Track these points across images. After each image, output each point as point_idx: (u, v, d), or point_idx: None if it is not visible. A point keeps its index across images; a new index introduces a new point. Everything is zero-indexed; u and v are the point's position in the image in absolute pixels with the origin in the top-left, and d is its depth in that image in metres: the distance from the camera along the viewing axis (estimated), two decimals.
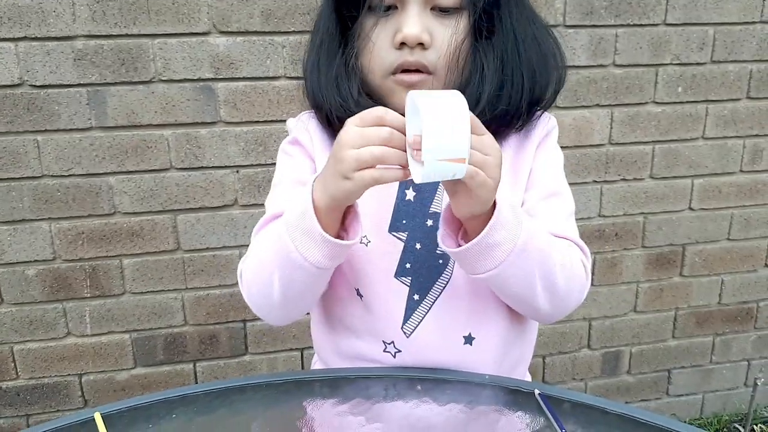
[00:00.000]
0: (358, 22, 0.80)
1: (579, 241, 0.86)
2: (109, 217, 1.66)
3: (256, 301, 0.85)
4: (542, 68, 0.83)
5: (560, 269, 0.78)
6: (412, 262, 0.85)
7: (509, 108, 0.81)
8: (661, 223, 2.01)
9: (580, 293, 0.84)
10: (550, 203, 0.87)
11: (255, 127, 1.68)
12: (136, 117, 1.61)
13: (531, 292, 0.78)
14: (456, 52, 0.78)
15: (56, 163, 1.60)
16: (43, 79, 1.54)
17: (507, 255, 0.73)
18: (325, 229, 0.71)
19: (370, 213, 0.83)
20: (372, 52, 0.80)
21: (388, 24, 0.79)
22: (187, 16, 1.56)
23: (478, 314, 0.87)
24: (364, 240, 0.86)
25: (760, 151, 2.01)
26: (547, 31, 0.86)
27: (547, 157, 0.89)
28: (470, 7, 0.78)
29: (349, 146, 0.66)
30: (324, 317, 0.96)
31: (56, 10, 1.50)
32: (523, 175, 0.87)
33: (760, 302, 2.19)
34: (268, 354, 1.86)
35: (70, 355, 1.74)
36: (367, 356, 0.91)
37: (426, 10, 0.78)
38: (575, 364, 2.11)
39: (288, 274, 0.77)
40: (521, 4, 0.83)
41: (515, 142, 0.88)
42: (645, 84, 1.87)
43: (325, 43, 0.84)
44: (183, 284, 1.75)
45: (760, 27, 1.88)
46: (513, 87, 0.81)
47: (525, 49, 0.81)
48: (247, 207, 1.73)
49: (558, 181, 0.89)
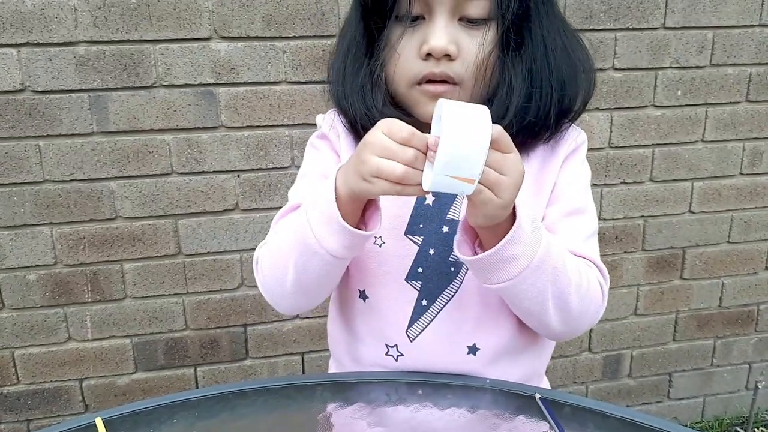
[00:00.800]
0: (385, 32, 0.80)
1: (599, 262, 0.85)
2: (110, 221, 1.66)
3: (269, 287, 0.85)
4: (572, 79, 0.82)
5: (575, 289, 0.78)
6: (424, 267, 0.85)
7: (537, 119, 0.80)
8: (662, 226, 2.02)
9: (594, 314, 0.83)
10: (572, 221, 0.86)
11: (256, 132, 1.68)
12: (138, 122, 1.61)
13: (542, 309, 0.77)
14: (483, 63, 0.77)
15: (58, 168, 1.60)
16: (45, 84, 1.54)
17: (522, 270, 0.72)
18: (344, 217, 0.71)
19: (388, 214, 0.83)
20: (398, 62, 0.79)
21: (415, 34, 0.78)
22: (189, 21, 1.57)
23: (485, 325, 0.86)
24: (379, 241, 0.86)
25: (759, 154, 2.01)
26: (577, 40, 0.85)
27: (573, 173, 0.87)
28: (499, 18, 0.76)
29: (373, 152, 0.66)
30: (337, 316, 0.97)
31: (58, 16, 1.51)
32: (546, 188, 0.86)
33: (761, 305, 2.19)
34: (268, 358, 1.86)
35: (71, 359, 1.74)
36: (369, 359, 0.91)
37: (453, 20, 0.77)
38: (576, 367, 2.11)
39: (303, 261, 0.77)
40: (551, 13, 0.81)
41: (542, 154, 0.86)
42: (644, 87, 1.87)
43: (352, 50, 0.84)
44: (184, 289, 1.75)
45: (759, 30, 1.89)
46: (542, 98, 0.79)
47: (554, 59, 0.80)
48: (248, 211, 1.73)
49: (582, 198, 0.88)
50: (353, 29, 0.85)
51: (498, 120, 0.76)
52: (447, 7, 0.75)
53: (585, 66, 0.84)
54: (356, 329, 0.92)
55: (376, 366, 0.90)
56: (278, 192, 1.73)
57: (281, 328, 1.84)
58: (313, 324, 1.86)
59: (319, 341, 1.87)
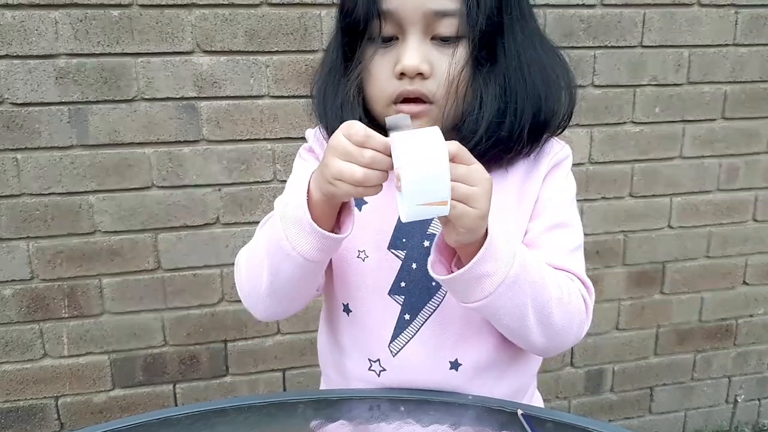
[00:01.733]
0: (358, 52, 0.81)
1: (582, 276, 0.85)
2: (89, 236, 1.64)
3: (246, 291, 0.85)
4: (548, 93, 0.82)
5: (556, 303, 0.77)
6: (407, 281, 0.85)
7: (511, 134, 0.80)
8: (642, 241, 2.04)
9: (579, 329, 0.83)
10: (554, 234, 0.85)
11: (238, 146, 1.67)
12: (118, 135, 1.60)
13: (523, 324, 0.77)
14: (455, 81, 0.78)
15: (35, 182, 1.58)
16: (24, 97, 1.53)
17: (497, 287, 0.72)
18: (316, 220, 0.72)
19: (372, 228, 0.84)
20: (374, 82, 0.80)
21: (389, 54, 0.79)
22: (171, 35, 1.57)
23: (467, 341, 0.86)
24: (362, 255, 0.86)
25: (735, 170, 2.05)
26: (555, 55, 0.85)
27: (556, 187, 0.87)
28: (470, 36, 0.77)
29: (334, 155, 0.67)
30: (324, 329, 0.97)
31: (39, 29, 1.50)
32: (528, 202, 0.86)
33: (739, 319, 2.22)
34: (249, 375, 1.84)
35: (46, 377, 1.71)
36: (352, 373, 0.90)
37: (426, 40, 0.77)
38: (559, 382, 2.11)
39: (276, 264, 0.77)
40: (527, 29, 0.81)
41: (524, 169, 0.86)
42: (623, 104, 1.90)
43: (333, 69, 0.85)
44: (163, 304, 1.73)
45: (734, 49, 1.93)
46: (516, 114, 0.79)
47: (529, 75, 0.80)
48: (229, 225, 1.72)
49: (566, 212, 0.87)
50: (334, 48, 0.86)
51: (469, 135, 0.77)
52: (419, 27, 0.76)
53: (564, 81, 0.85)
54: (342, 343, 0.92)
55: (360, 380, 0.90)
56: (260, 206, 1.72)
57: (262, 344, 1.83)
58: (294, 340, 1.84)
59: (300, 357, 1.86)
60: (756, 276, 2.18)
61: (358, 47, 0.81)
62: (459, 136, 0.72)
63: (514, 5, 0.79)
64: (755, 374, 2.30)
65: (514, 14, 0.79)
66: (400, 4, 0.76)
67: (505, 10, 0.78)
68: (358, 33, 0.80)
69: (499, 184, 0.82)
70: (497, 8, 0.77)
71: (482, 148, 0.77)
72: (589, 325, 0.85)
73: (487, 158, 0.78)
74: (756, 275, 2.18)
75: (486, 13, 0.76)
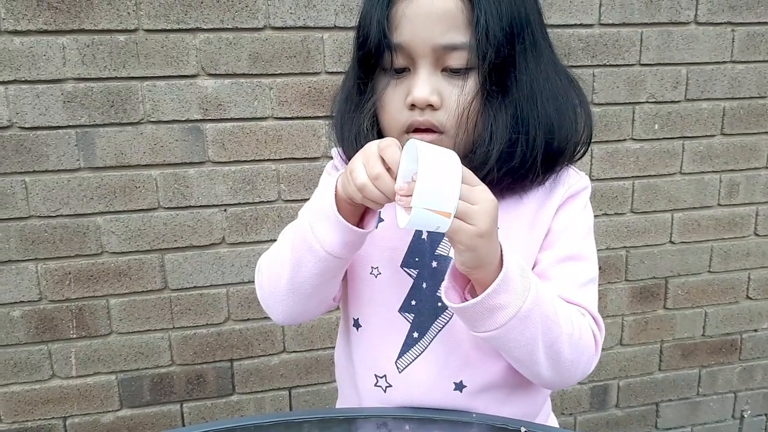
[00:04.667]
0: (371, 83, 0.83)
1: (593, 311, 0.84)
2: (96, 257, 1.66)
3: (265, 289, 0.87)
4: (562, 122, 0.82)
5: (567, 338, 0.77)
6: (417, 300, 0.87)
7: (523, 165, 0.80)
8: (644, 256, 2.05)
9: (587, 365, 0.83)
10: (566, 267, 0.85)
11: (243, 167, 1.70)
12: (125, 157, 1.62)
13: (532, 358, 0.77)
14: (465, 112, 0.79)
15: (44, 204, 1.60)
16: (32, 121, 1.56)
17: (509, 319, 0.72)
18: (343, 216, 0.75)
19: (387, 246, 0.86)
20: (387, 112, 0.82)
21: (401, 85, 0.81)
22: (176, 59, 1.60)
23: (473, 363, 0.86)
24: (375, 271, 0.88)
25: (736, 185, 2.06)
26: (570, 82, 0.86)
27: (570, 218, 0.86)
28: (479, 68, 0.78)
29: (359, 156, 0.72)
30: (340, 344, 0.99)
31: (46, 54, 1.53)
32: (539, 232, 0.85)
33: (744, 333, 2.21)
34: (255, 394, 1.85)
35: (54, 397, 1.72)
36: (360, 389, 0.92)
37: (437, 71, 0.79)
38: (564, 398, 2.11)
39: (299, 257, 0.79)
40: (539, 59, 0.81)
41: (539, 198, 0.86)
42: (623, 122, 1.92)
43: (350, 98, 0.88)
44: (170, 323, 1.74)
45: (731, 66, 1.95)
46: (528, 144, 0.79)
47: (542, 104, 0.80)
48: (234, 245, 1.74)
49: (579, 244, 0.86)
50: (351, 77, 0.88)
51: (479, 166, 0.78)
52: (429, 59, 0.78)
53: (580, 108, 0.85)
54: (353, 358, 0.93)
55: (369, 397, 0.91)
56: (265, 226, 1.74)
57: (268, 362, 1.84)
58: (300, 358, 1.85)
59: (306, 376, 1.87)
60: (759, 290, 2.18)
61: (372, 77, 0.83)
62: (470, 166, 0.73)
63: (527, 35, 0.79)
64: (761, 389, 2.29)
65: (527, 44, 0.79)
66: (411, 37, 0.78)
67: (517, 41, 0.78)
68: (372, 64, 0.82)
69: (511, 212, 0.84)
70: (507, 40, 0.77)
71: (494, 178, 0.79)
72: (597, 360, 0.84)
73: (500, 187, 0.80)
74: (759, 289, 2.18)
75: (495, 46, 0.76)
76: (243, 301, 1.78)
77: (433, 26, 0.77)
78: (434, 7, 0.77)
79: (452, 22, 0.77)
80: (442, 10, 0.77)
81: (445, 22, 0.77)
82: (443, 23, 0.77)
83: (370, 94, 0.83)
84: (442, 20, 0.77)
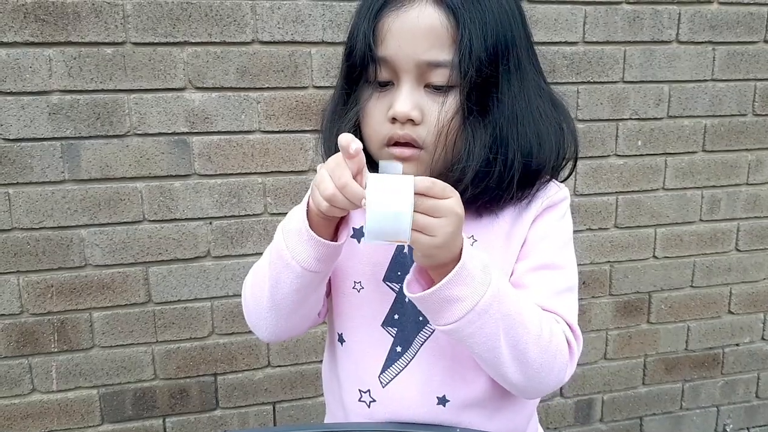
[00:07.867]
0: (354, 95, 0.84)
1: (570, 320, 0.84)
2: (79, 269, 1.64)
3: (249, 306, 0.88)
4: (541, 146, 0.83)
5: (534, 340, 0.77)
6: (400, 314, 0.87)
7: (500, 184, 0.81)
8: (627, 271, 2.07)
9: (560, 372, 0.82)
10: (540, 275, 0.85)
11: (229, 180, 1.70)
12: (110, 170, 1.62)
13: (495, 356, 0.77)
14: (444, 128, 0.79)
15: (27, 216, 1.59)
16: (16, 132, 1.55)
17: (466, 312, 0.73)
18: (315, 231, 0.75)
19: (370, 260, 0.87)
20: (369, 124, 0.83)
21: (384, 98, 0.81)
22: (163, 72, 1.60)
23: (456, 377, 0.86)
24: (358, 286, 0.88)
25: (717, 201, 2.09)
26: (553, 105, 0.86)
27: (547, 228, 0.87)
28: (461, 86, 0.78)
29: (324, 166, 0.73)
30: (327, 359, 0.99)
31: (33, 66, 1.53)
32: (515, 244, 0.86)
33: (726, 348, 2.24)
34: (239, 408, 1.83)
35: (34, 412, 1.69)
36: (345, 404, 0.92)
37: (419, 87, 0.80)
38: (548, 413, 2.11)
39: (276, 274, 0.79)
40: (523, 81, 0.82)
41: (515, 212, 0.86)
42: (606, 138, 1.95)
43: (337, 108, 0.89)
44: (153, 337, 1.73)
45: (711, 84, 1.99)
46: (504, 164, 0.80)
47: (521, 126, 0.81)
48: (219, 258, 1.73)
49: (555, 254, 0.86)
50: (339, 87, 0.89)
51: (455, 183, 0.78)
52: (412, 75, 0.79)
53: (566, 130, 0.87)
54: (338, 373, 0.93)
55: (354, 411, 0.91)
56: (250, 239, 1.73)
57: (252, 377, 1.82)
58: (284, 373, 1.84)
59: (291, 390, 1.85)
60: (741, 305, 2.21)
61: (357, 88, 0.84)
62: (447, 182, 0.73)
63: (511, 57, 0.80)
64: (743, 403, 2.31)
65: (511, 66, 0.80)
66: (396, 52, 0.79)
67: (501, 62, 0.79)
68: (357, 75, 0.83)
69: (487, 228, 0.85)
70: (490, 60, 0.78)
71: (470, 196, 0.79)
72: (573, 370, 0.84)
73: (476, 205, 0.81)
74: (741, 304, 2.21)
75: (477, 66, 0.77)
76: (227, 315, 1.77)
77: (418, 42, 0.78)
78: (420, 24, 0.78)
79: (437, 39, 0.78)
80: (428, 26, 0.78)
81: (430, 39, 0.78)
82: (428, 40, 0.78)
83: (353, 105, 0.84)
84: (427, 37, 0.78)
